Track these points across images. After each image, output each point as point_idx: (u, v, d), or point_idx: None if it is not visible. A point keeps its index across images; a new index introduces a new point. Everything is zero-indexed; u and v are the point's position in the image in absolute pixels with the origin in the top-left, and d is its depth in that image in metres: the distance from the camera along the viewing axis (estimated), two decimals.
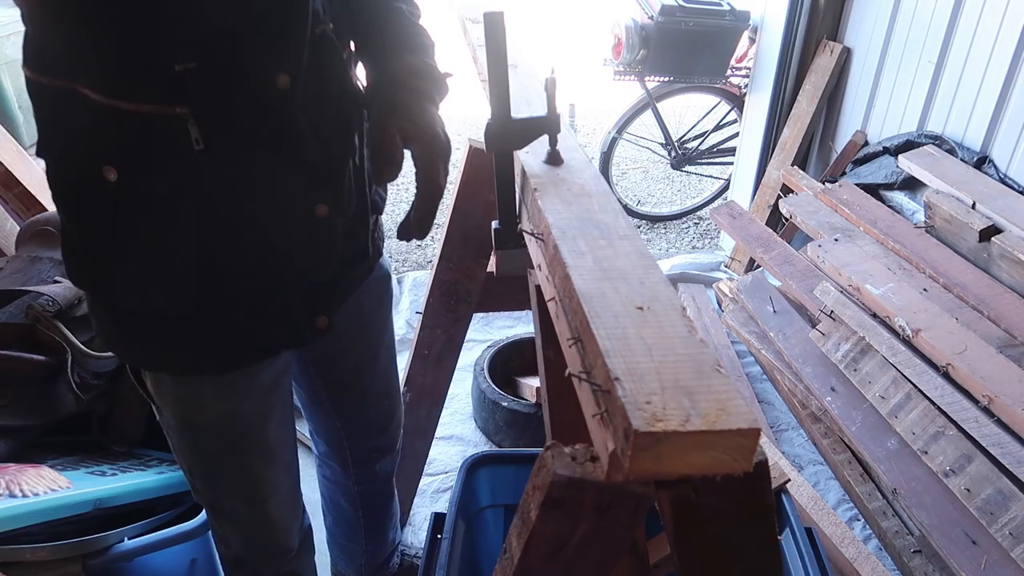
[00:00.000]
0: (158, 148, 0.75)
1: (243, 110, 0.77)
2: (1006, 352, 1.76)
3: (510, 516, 0.93)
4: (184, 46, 0.71)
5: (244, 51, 0.74)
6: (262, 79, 0.77)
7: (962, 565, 1.62)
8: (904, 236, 2.23)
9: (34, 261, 1.65)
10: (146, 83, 0.72)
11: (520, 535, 0.62)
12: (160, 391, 0.99)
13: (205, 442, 1.04)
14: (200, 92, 0.73)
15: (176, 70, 0.71)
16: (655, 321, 0.62)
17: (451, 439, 2.30)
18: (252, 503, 1.14)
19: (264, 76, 0.77)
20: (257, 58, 0.76)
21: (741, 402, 0.52)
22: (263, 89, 0.77)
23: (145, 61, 0.71)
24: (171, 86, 0.72)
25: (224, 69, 0.74)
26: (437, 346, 1.70)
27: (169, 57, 0.71)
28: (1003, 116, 2.21)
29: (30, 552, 1.12)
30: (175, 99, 0.72)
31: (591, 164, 0.97)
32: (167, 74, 0.71)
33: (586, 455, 0.58)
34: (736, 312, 2.64)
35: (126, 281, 0.83)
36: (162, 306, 0.85)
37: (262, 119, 0.79)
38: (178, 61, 0.71)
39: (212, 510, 1.20)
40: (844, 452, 2.11)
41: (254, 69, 0.76)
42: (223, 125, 0.76)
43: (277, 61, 0.77)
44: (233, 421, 1.02)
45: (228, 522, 1.20)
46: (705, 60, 3.32)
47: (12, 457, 1.33)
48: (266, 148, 0.81)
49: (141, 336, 0.90)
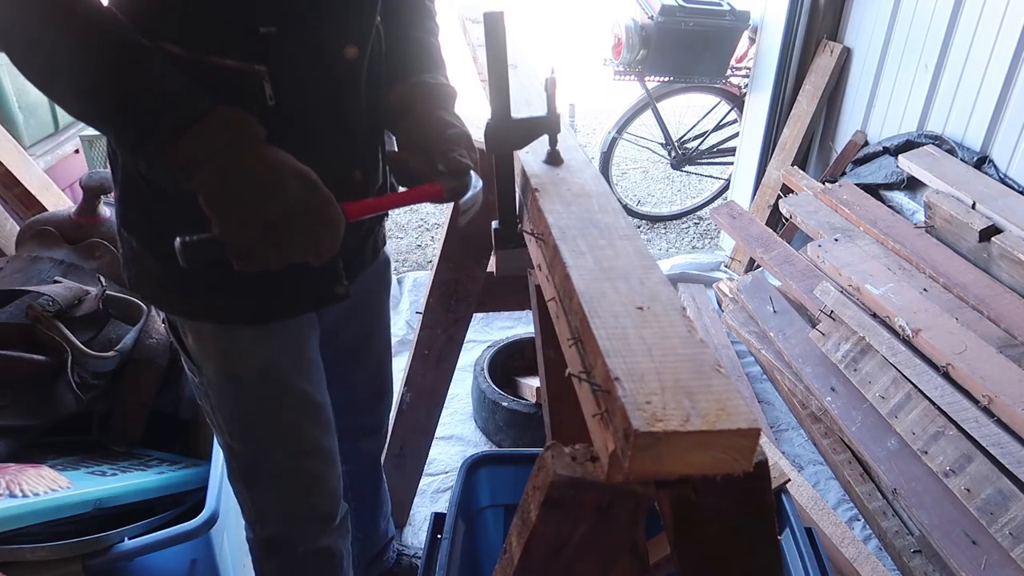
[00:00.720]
0: (233, 100, 0.81)
1: (312, 74, 0.86)
2: (1006, 352, 1.76)
3: (510, 516, 0.93)
4: (270, 11, 0.80)
5: (320, 21, 0.83)
6: (332, 49, 0.86)
7: (962, 565, 1.62)
8: (904, 236, 2.23)
9: (34, 261, 1.65)
10: (232, 41, 0.81)
11: (520, 535, 0.62)
12: (202, 344, 1.04)
13: (247, 394, 1.08)
14: (278, 54, 0.82)
15: (260, 32, 0.80)
16: (655, 321, 0.62)
17: (451, 439, 2.30)
18: (294, 457, 1.15)
19: (335, 46, 0.86)
20: (331, 29, 0.84)
21: (741, 402, 0.52)
22: (332, 58, 0.86)
23: (235, 22, 0.80)
24: (253, 46, 0.80)
25: (300, 36, 0.82)
26: (437, 346, 1.70)
27: (256, 20, 0.79)
28: (1003, 116, 2.21)
29: (30, 552, 1.12)
30: (255, 58, 0.81)
31: (591, 164, 0.97)
32: (252, 35, 0.80)
33: (586, 455, 0.58)
34: (736, 312, 2.64)
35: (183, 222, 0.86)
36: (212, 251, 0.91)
37: (327, 84, 0.88)
38: (263, 24, 0.79)
39: (249, 478, 1.19)
40: (844, 452, 2.11)
41: (327, 39, 0.85)
42: (293, 85, 0.85)
43: (348, 33, 0.86)
44: (273, 371, 1.07)
45: (267, 486, 1.19)
46: (705, 60, 3.32)
47: (12, 457, 1.33)
48: (325, 110, 0.90)
49: (185, 282, 0.97)
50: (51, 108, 2.71)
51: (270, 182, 0.75)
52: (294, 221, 0.76)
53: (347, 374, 1.36)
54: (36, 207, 2.16)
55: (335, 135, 0.93)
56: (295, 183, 0.77)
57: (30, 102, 2.60)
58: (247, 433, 1.13)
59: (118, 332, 1.55)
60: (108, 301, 1.58)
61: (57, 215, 1.78)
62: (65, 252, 1.69)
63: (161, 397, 1.58)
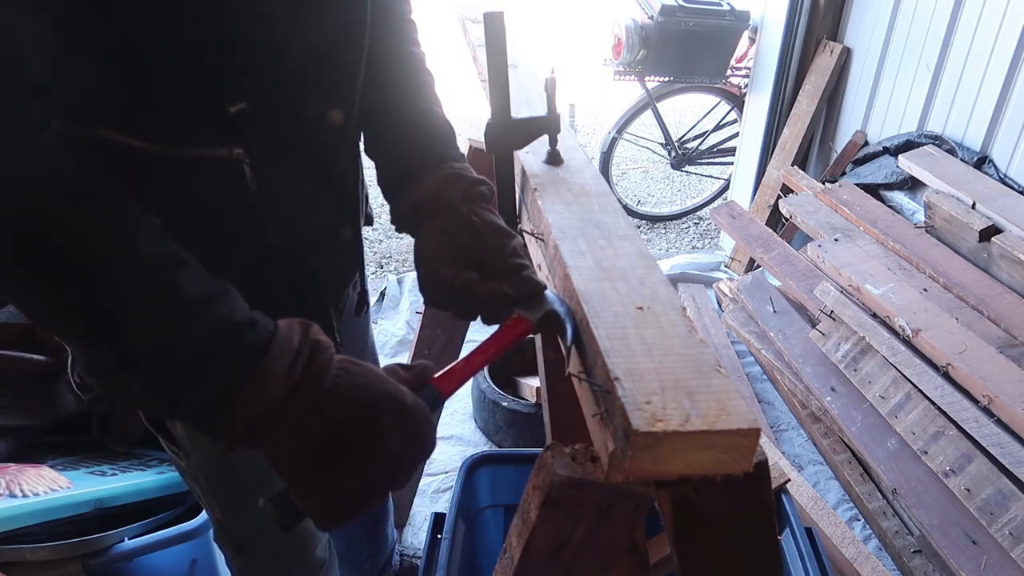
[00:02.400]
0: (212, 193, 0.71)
1: (295, 144, 0.76)
2: (1006, 352, 1.76)
3: (510, 516, 0.93)
4: (236, 86, 0.68)
5: (298, 89, 0.73)
6: (314, 115, 0.76)
7: (962, 565, 1.61)
8: (904, 236, 2.23)
9: None
10: (201, 127, 0.69)
11: (520, 535, 0.62)
12: (194, 436, 0.93)
13: (243, 476, 0.97)
14: (253, 132, 0.71)
15: (230, 111, 0.68)
16: (655, 321, 0.62)
17: (451, 439, 2.30)
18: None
19: (316, 112, 0.76)
20: (311, 95, 0.74)
21: (741, 402, 0.52)
22: (315, 124, 0.76)
23: (200, 104, 0.68)
24: (225, 128, 0.69)
25: (277, 107, 0.72)
26: (437, 346, 1.70)
27: (223, 97, 0.68)
28: (1003, 116, 2.21)
29: (30, 552, 1.12)
30: (230, 141, 0.70)
31: (591, 164, 0.97)
32: (221, 115, 0.68)
33: (586, 455, 0.58)
34: (736, 312, 2.64)
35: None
36: None
37: (312, 154, 0.78)
38: (231, 102, 0.68)
39: (234, 548, 1.14)
40: (844, 452, 2.11)
41: (307, 105, 0.75)
42: (276, 163, 0.74)
43: (330, 97, 0.77)
44: None
45: (254, 557, 1.14)
46: (705, 60, 3.32)
47: (12, 457, 1.33)
48: (312, 181, 0.80)
49: None
50: None
51: (366, 435, 0.57)
52: (400, 469, 0.60)
53: None
54: None
55: (324, 202, 0.84)
56: (391, 420, 0.59)
57: None
58: (242, 512, 1.07)
59: None
60: None
61: None
62: None
63: None
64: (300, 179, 0.78)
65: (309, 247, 0.83)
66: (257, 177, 0.72)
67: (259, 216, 0.75)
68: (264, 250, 0.78)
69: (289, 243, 0.80)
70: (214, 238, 0.72)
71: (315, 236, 0.84)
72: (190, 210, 0.70)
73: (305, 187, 0.80)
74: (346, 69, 0.77)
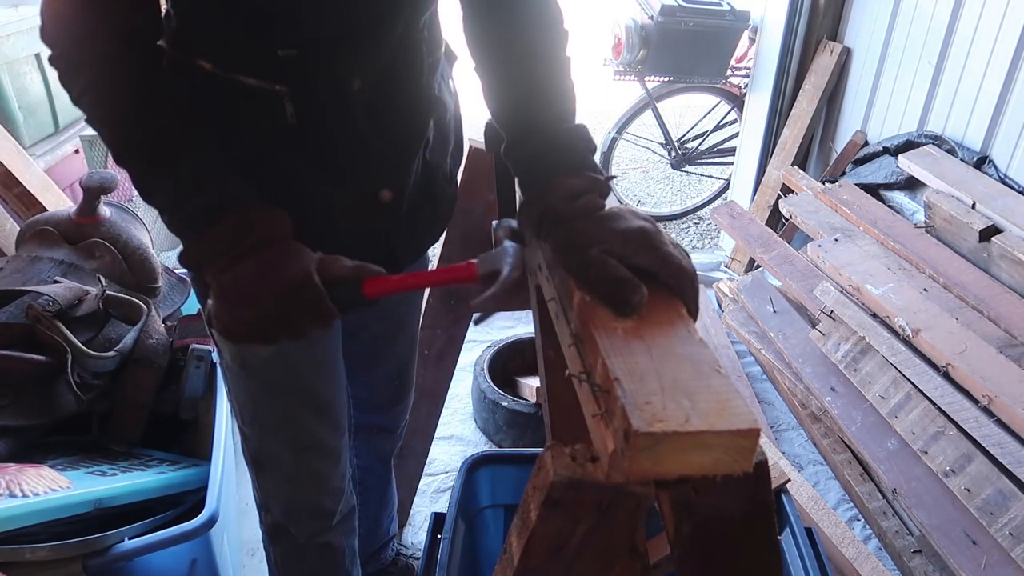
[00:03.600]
0: (257, 116, 0.88)
1: (328, 97, 0.89)
2: (1006, 352, 1.76)
3: (510, 516, 0.93)
4: (287, 36, 0.84)
5: (331, 51, 0.86)
6: (340, 78, 0.88)
7: (962, 565, 1.61)
8: (904, 236, 2.22)
9: (34, 261, 1.65)
10: (255, 62, 0.86)
11: (520, 535, 0.62)
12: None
13: (254, 382, 1.11)
14: (296, 76, 0.86)
15: (279, 55, 0.84)
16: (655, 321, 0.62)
17: (451, 439, 2.30)
18: (296, 451, 1.17)
19: (342, 76, 0.88)
20: (339, 59, 0.87)
21: (741, 402, 0.52)
22: (341, 86, 0.89)
23: (255, 44, 0.85)
24: (274, 67, 0.85)
25: (315, 62, 0.86)
26: (437, 346, 1.70)
27: (276, 43, 0.84)
28: (1003, 116, 2.21)
29: (30, 552, 1.12)
30: (276, 78, 0.86)
31: None
32: (271, 57, 0.84)
33: (586, 455, 0.58)
34: (736, 312, 2.64)
35: None
36: None
37: (342, 108, 0.90)
38: (281, 48, 0.84)
39: (256, 464, 1.22)
40: (844, 452, 2.11)
41: (336, 68, 0.88)
42: (312, 106, 0.88)
43: (353, 66, 0.88)
44: (282, 364, 1.08)
45: (270, 475, 1.22)
46: (705, 60, 3.31)
47: (12, 457, 1.33)
48: (343, 132, 0.92)
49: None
50: (51, 108, 2.71)
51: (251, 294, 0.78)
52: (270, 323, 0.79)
53: (366, 372, 1.37)
54: (36, 207, 2.16)
55: (356, 156, 0.94)
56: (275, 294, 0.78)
57: (30, 102, 2.60)
58: (255, 420, 1.16)
59: (118, 332, 1.55)
60: (108, 301, 1.58)
61: (57, 215, 1.78)
62: (65, 252, 1.69)
63: (161, 397, 1.58)
64: (334, 126, 0.91)
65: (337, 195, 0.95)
66: (297, 114, 0.88)
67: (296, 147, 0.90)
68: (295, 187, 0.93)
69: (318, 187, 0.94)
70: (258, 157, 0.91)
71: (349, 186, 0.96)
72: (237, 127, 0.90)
73: (338, 136, 0.92)
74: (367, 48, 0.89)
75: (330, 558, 1.33)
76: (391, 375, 1.41)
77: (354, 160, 0.95)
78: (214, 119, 0.88)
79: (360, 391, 1.40)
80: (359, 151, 0.94)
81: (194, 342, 1.63)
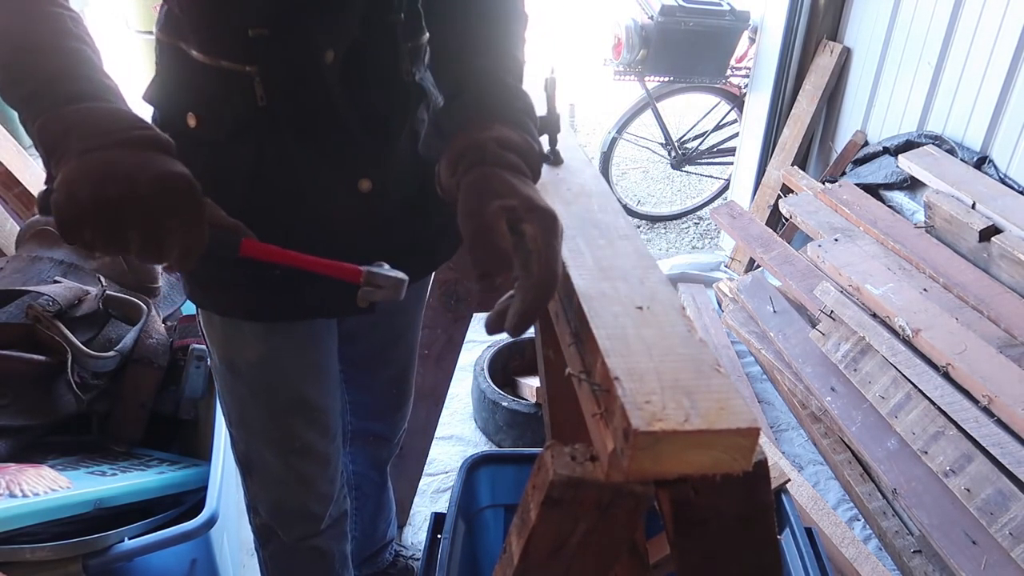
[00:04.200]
0: (230, 99, 0.87)
1: (298, 76, 0.87)
2: (1006, 352, 1.76)
3: (510, 516, 0.93)
4: (257, 14, 0.82)
5: (302, 24, 0.84)
6: (313, 51, 0.86)
7: (962, 565, 1.61)
8: (904, 236, 2.22)
9: (34, 261, 1.65)
10: (226, 43, 0.84)
11: (520, 535, 0.62)
12: (210, 329, 1.07)
13: (242, 385, 1.10)
14: (265, 55, 0.84)
15: (249, 35, 0.82)
16: (655, 321, 0.62)
17: (451, 439, 2.30)
18: (284, 455, 1.16)
19: (315, 49, 0.85)
20: (311, 32, 0.85)
21: (741, 402, 0.52)
22: (313, 61, 0.86)
23: (226, 25, 0.83)
24: (244, 48, 0.83)
25: (285, 38, 0.84)
26: (437, 346, 1.70)
27: (245, 21, 0.82)
28: (1003, 116, 2.21)
29: (30, 552, 1.12)
30: (246, 59, 0.84)
31: (591, 164, 0.97)
32: (242, 37, 0.83)
33: (586, 455, 0.58)
34: (736, 312, 2.64)
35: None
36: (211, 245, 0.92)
37: (313, 87, 0.88)
38: (251, 27, 0.82)
39: (244, 465, 1.22)
40: (844, 452, 2.11)
41: (308, 41, 0.85)
42: (282, 87, 0.87)
43: (326, 37, 0.85)
44: (271, 368, 1.08)
45: (258, 478, 1.21)
46: (705, 60, 3.31)
47: (12, 457, 1.33)
48: (318, 113, 0.89)
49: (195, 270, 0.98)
50: None
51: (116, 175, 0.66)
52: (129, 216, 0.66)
53: (364, 379, 1.36)
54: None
55: (332, 139, 0.91)
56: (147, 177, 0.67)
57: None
58: (242, 422, 1.15)
59: (118, 332, 1.55)
60: (108, 301, 1.58)
61: None
62: (65, 252, 1.69)
63: (161, 397, 1.58)
64: (307, 107, 0.89)
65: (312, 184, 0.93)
66: (267, 95, 0.86)
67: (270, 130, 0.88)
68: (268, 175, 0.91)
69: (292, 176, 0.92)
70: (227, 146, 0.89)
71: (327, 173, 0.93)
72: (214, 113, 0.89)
73: (312, 118, 0.89)
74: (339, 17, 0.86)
75: (319, 562, 1.33)
76: (389, 383, 1.39)
77: (328, 144, 0.91)
78: (202, 105, 0.88)
79: (358, 397, 1.40)
80: (334, 133, 0.91)
81: (194, 342, 1.62)
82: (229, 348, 1.07)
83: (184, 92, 0.90)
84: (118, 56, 3.55)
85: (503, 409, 2.15)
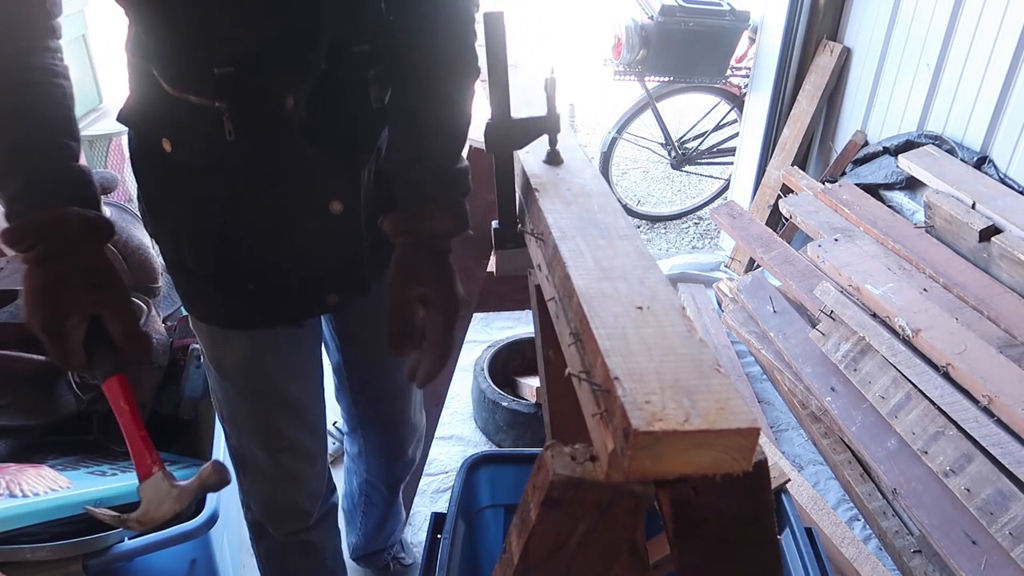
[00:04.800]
0: (201, 132, 0.90)
1: (262, 114, 0.90)
2: (1006, 352, 1.76)
3: (510, 516, 0.93)
4: (224, 55, 0.85)
5: (263, 69, 0.87)
6: (274, 96, 0.89)
7: (962, 565, 1.61)
8: (904, 236, 2.22)
9: None
10: (196, 79, 0.87)
11: (520, 535, 0.62)
12: (199, 333, 1.12)
13: (229, 385, 1.14)
14: (233, 93, 0.87)
15: (216, 73, 0.85)
16: (655, 321, 0.62)
17: (451, 439, 2.30)
18: (271, 452, 1.20)
19: (275, 93, 0.88)
20: (272, 77, 0.88)
21: (741, 402, 0.52)
22: (274, 105, 0.89)
23: (194, 61, 0.86)
24: (212, 84, 0.86)
25: (249, 79, 0.87)
26: None
27: (212, 61, 0.85)
28: (1003, 116, 2.21)
29: (30, 552, 1.12)
30: (215, 94, 0.87)
31: (591, 164, 0.97)
32: (209, 74, 0.85)
33: (586, 455, 0.58)
34: (736, 312, 2.64)
35: (168, 234, 1.01)
36: (189, 261, 1.00)
37: (275, 125, 0.90)
38: (218, 66, 0.85)
39: (237, 462, 1.26)
40: (844, 452, 2.11)
41: (269, 86, 0.88)
42: (248, 122, 0.89)
43: (286, 84, 0.88)
44: (255, 369, 1.12)
45: (249, 474, 1.26)
46: (705, 60, 3.32)
47: (12, 457, 1.33)
48: (284, 148, 0.92)
49: (178, 280, 1.07)
50: None
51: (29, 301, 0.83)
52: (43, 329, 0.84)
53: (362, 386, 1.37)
54: None
55: (299, 171, 0.94)
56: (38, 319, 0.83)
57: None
58: (232, 420, 1.19)
59: None
60: None
61: None
62: None
63: (161, 397, 1.58)
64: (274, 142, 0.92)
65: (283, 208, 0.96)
66: (235, 130, 0.88)
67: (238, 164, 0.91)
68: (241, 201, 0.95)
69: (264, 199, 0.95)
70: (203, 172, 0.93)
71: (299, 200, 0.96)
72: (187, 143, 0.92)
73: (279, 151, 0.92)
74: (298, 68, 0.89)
75: (311, 556, 1.37)
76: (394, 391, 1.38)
77: (297, 176, 0.95)
78: (176, 134, 0.91)
79: (365, 411, 1.42)
80: (301, 166, 0.94)
81: (194, 342, 1.62)
82: (215, 350, 1.11)
83: (159, 118, 0.92)
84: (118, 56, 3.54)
85: (503, 409, 2.16)
